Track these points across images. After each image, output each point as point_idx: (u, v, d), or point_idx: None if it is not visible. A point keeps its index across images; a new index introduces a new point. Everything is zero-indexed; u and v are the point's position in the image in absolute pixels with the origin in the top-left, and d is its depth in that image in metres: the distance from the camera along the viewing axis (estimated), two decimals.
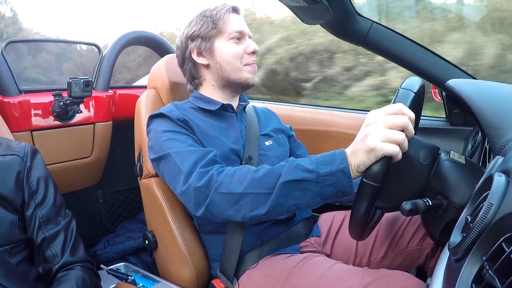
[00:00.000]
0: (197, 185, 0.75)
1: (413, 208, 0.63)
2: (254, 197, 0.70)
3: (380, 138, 0.59)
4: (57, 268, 0.79)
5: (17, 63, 1.65)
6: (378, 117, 0.61)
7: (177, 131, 0.88)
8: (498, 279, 0.34)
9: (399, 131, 0.60)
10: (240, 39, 0.98)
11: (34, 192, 0.80)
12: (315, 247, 1.00)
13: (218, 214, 0.75)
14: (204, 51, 0.98)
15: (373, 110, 0.64)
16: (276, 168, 0.71)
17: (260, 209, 0.70)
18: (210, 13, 0.98)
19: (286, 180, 0.67)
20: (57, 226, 0.81)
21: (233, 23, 0.97)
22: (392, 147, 0.59)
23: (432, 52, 1.11)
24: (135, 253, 1.41)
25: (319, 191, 0.65)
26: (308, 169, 0.66)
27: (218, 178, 0.74)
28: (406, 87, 0.66)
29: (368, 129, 0.61)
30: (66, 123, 1.31)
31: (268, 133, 1.06)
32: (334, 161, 0.64)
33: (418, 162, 0.68)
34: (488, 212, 0.43)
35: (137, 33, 1.60)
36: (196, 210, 0.77)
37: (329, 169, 0.64)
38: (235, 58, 0.97)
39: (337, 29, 1.09)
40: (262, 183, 0.70)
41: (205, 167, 0.78)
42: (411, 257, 0.95)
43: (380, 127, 0.60)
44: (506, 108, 0.64)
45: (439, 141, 1.28)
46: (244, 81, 0.99)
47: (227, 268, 0.91)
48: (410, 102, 0.64)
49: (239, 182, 0.72)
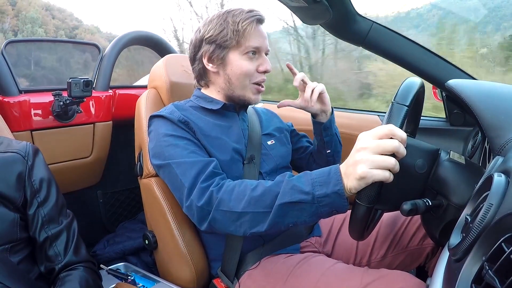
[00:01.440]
0: (198, 204, 0.77)
1: (413, 208, 0.63)
2: (253, 216, 0.72)
3: (369, 165, 0.59)
4: (60, 268, 0.79)
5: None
6: (368, 142, 0.61)
7: (178, 135, 0.87)
8: (498, 279, 0.34)
9: (389, 155, 0.60)
10: (255, 54, 0.94)
11: (37, 191, 0.80)
12: (316, 247, 1.00)
13: (221, 229, 0.78)
14: (215, 58, 0.94)
15: (363, 133, 0.63)
16: (273, 186, 0.72)
17: (259, 226, 0.72)
18: (233, 20, 0.91)
19: (283, 202, 0.69)
20: (59, 226, 0.81)
21: (253, 37, 0.92)
22: (382, 173, 0.59)
23: (432, 53, 1.11)
24: (135, 253, 1.41)
25: (315, 211, 0.67)
26: (304, 191, 0.67)
27: (218, 195, 0.76)
28: (399, 101, 0.64)
29: (359, 156, 0.61)
30: (66, 123, 1.31)
31: (270, 132, 1.06)
32: (329, 181, 0.65)
33: (415, 171, 0.68)
34: (488, 212, 0.43)
35: (137, 33, 1.60)
36: (200, 225, 0.80)
37: (324, 191, 0.65)
38: (245, 76, 0.93)
39: (337, 29, 1.09)
40: (260, 202, 0.71)
41: (206, 181, 0.79)
42: (411, 257, 0.95)
43: (370, 154, 0.60)
44: (506, 108, 0.64)
45: (439, 141, 1.29)
46: (246, 100, 0.97)
47: (228, 267, 0.92)
48: (403, 118, 0.63)
49: (238, 200, 0.73)
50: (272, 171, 0.98)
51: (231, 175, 0.89)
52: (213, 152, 0.89)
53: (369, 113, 1.49)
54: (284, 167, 1.03)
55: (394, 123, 0.62)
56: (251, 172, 0.93)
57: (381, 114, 1.45)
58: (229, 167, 0.90)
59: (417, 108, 0.84)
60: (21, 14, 21.62)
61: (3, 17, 21.44)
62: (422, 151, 0.69)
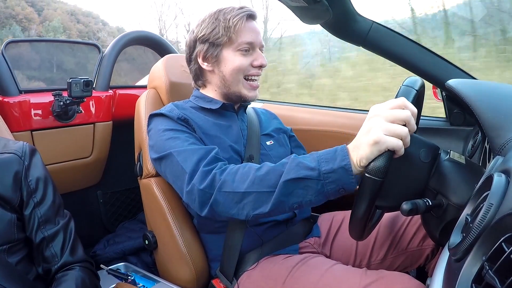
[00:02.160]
0: (200, 187, 0.75)
1: (413, 208, 0.63)
2: (257, 196, 0.70)
3: (383, 131, 0.59)
4: (57, 268, 0.78)
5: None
6: (381, 111, 0.61)
7: (178, 129, 0.88)
8: (498, 279, 0.34)
9: (401, 125, 0.60)
10: (249, 50, 0.94)
11: (33, 191, 0.80)
12: (315, 248, 1.00)
13: (222, 212, 0.75)
14: (210, 57, 0.95)
15: (376, 104, 0.64)
16: (278, 166, 0.71)
17: (263, 207, 0.70)
18: (224, 18, 0.92)
19: (288, 179, 0.67)
20: (56, 226, 0.81)
21: (245, 33, 0.93)
22: (395, 141, 0.58)
23: (432, 52, 1.11)
24: (135, 253, 1.41)
25: (321, 188, 0.65)
26: (310, 166, 0.65)
27: (221, 177, 0.74)
28: (408, 84, 0.66)
29: (371, 123, 0.61)
30: (66, 123, 1.31)
31: (269, 133, 1.06)
32: (336, 158, 0.64)
33: (419, 160, 0.68)
34: (488, 212, 0.43)
35: (137, 33, 1.60)
36: (201, 209, 0.77)
37: (331, 166, 0.64)
38: (238, 71, 0.94)
39: (337, 29, 1.09)
40: (264, 181, 0.70)
41: (209, 165, 0.78)
42: (411, 258, 0.94)
43: (383, 120, 0.60)
44: (506, 108, 0.64)
45: (439, 141, 1.28)
46: (242, 96, 0.97)
47: (227, 268, 0.91)
48: (413, 98, 0.64)
49: (242, 181, 0.72)
50: None
51: None
52: None
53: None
54: None
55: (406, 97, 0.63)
56: None
57: None
58: None
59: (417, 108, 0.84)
60: (45, 23, 22.88)
61: (30, 24, 22.40)
62: (425, 143, 0.70)
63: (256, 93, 0.98)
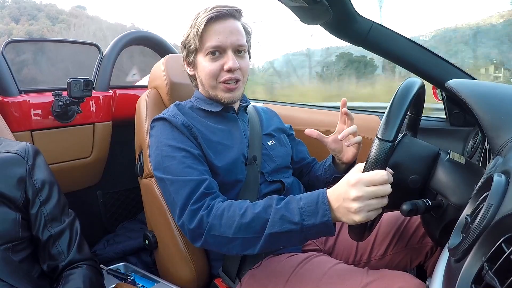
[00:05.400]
0: (190, 226, 0.79)
1: (413, 208, 0.63)
2: (244, 240, 0.74)
3: (367, 210, 0.64)
4: (64, 265, 0.80)
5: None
6: (363, 190, 0.63)
7: (177, 146, 0.86)
8: (498, 279, 0.34)
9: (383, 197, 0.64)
10: (219, 54, 0.90)
11: (39, 190, 0.81)
12: (317, 245, 1.00)
13: (214, 249, 0.82)
14: (190, 62, 0.96)
15: (355, 174, 0.65)
16: (261, 213, 0.73)
17: (251, 249, 0.75)
18: (195, 22, 0.90)
19: (273, 232, 0.71)
20: (62, 224, 0.82)
21: (211, 37, 0.88)
22: (377, 212, 0.65)
23: (432, 53, 1.11)
24: (135, 253, 1.41)
25: (303, 238, 0.72)
26: (293, 221, 0.70)
27: (208, 219, 0.77)
28: (382, 137, 0.62)
29: (355, 204, 0.64)
30: (66, 123, 1.31)
31: (270, 132, 1.06)
32: (318, 212, 0.69)
33: (408, 186, 0.71)
34: (488, 212, 0.43)
35: (137, 33, 1.60)
36: (194, 243, 0.81)
37: (313, 221, 0.69)
38: (210, 76, 0.91)
39: (337, 29, 1.09)
40: (250, 228, 0.73)
41: (197, 203, 0.79)
42: (411, 255, 0.95)
43: (366, 200, 0.64)
44: (505, 109, 0.64)
45: (439, 141, 1.28)
46: (220, 99, 0.95)
47: (230, 267, 0.92)
48: (386, 155, 0.62)
49: (228, 226, 0.75)
50: (273, 171, 0.98)
51: (234, 177, 0.90)
52: (213, 157, 0.89)
53: (369, 113, 1.49)
54: (285, 167, 1.03)
55: (382, 163, 0.62)
56: (253, 172, 0.93)
57: (381, 114, 1.45)
58: (232, 170, 0.90)
59: (418, 108, 0.85)
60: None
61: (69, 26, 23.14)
62: (420, 161, 0.71)
63: (232, 95, 0.93)
